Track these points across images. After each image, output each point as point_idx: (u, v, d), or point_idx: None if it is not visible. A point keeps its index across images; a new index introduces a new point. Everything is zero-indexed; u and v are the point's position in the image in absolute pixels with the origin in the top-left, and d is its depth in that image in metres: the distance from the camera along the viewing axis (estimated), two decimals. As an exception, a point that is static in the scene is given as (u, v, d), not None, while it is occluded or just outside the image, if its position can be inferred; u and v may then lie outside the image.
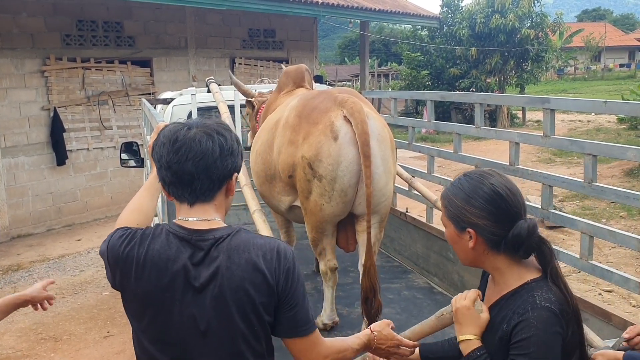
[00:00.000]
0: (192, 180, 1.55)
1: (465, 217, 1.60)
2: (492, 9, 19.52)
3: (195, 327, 1.53)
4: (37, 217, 9.15)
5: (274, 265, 1.55)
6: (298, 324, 1.60)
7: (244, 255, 1.54)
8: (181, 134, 1.55)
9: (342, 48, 54.77)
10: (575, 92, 32.26)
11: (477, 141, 15.40)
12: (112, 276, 1.60)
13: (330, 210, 3.21)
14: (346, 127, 3.11)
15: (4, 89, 8.66)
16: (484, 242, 1.60)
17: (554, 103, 3.48)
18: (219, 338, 1.54)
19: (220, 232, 1.56)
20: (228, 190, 1.63)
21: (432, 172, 4.91)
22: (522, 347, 1.54)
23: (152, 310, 1.54)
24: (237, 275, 1.52)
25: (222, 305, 1.52)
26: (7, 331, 5.70)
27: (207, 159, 1.53)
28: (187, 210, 1.59)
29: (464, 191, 1.62)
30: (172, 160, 1.53)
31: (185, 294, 1.52)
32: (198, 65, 11.28)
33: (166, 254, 1.54)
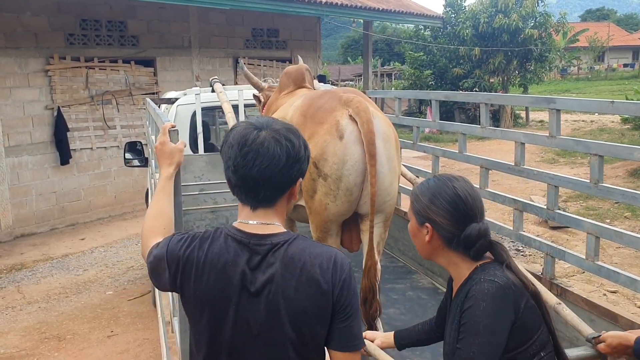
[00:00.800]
0: (256, 187, 1.56)
1: (425, 213, 1.75)
2: (495, 8, 19.50)
3: (247, 331, 1.55)
4: (40, 216, 9.16)
5: (330, 275, 1.55)
6: (351, 337, 1.58)
7: (299, 264, 1.54)
8: (250, 137, 1.54)
9: (345, 48, 54.76)
10: (579, 92, 32.20)
11: (481, 141, 15.39)
12: (172, 278, 1.61)
13: (335, 210, 3.21)
14: (352, 126, 3.11)
15: (7, 88, 8.66)
16: (439, 238, 1.75)
17: (560, 103, 3.46)
18: (269, 344, 1.55)
19: (278, 238, 1.57)
20: (291, 195, 1.63)
21: (437, 172, 4.90)
22: (465, 317, 1.65)
23: (208, 312, 1.56)
24: (291, 285, 1.52)
25: (275, 312, 1.52)
26: (11, 330, 5.70)
27: (272, 167, 1.53)
28: (248, 213, 1.60)
29: (430, 190, 1.77)
30: (239, 165, 1.54)
31: (241, 297, 1.54)
32: (201, 64, 11.28)
33: (224, 257, 1.55)
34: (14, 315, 6.07)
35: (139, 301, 6.31)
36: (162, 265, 1.62)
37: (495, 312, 1.62)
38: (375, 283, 3.26)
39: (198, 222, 5.09)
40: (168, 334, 3.00)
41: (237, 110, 4.99)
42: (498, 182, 9.01)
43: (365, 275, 3.27)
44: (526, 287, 1.68)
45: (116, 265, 7.53)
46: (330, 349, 1.61)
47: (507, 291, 1.64)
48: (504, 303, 1.63)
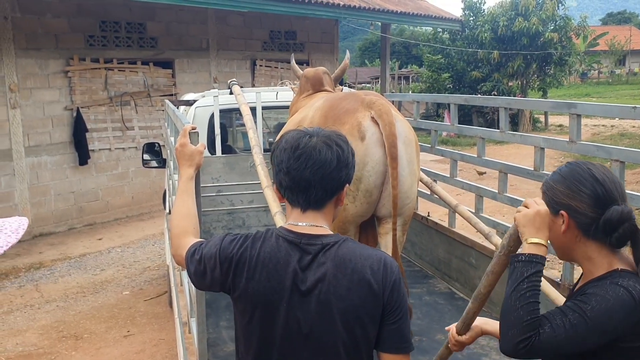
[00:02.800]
0: (308, 188, 1.59)
1: (559, 199, 1.59)
2: (515, 12, 19.35)
3: (298, 330, 1.57)
4: (59, 215, 9.25)
5: (381, 276, 1.57)
6: (402, 339, 1.61)
7: (350, 265, 1.56)
8: (303, 142, 1.59)
9: (363, 50, 54.70)
10: (599, 97, 31.85)
11: (499, 145, 15.27)
12: (223, 277, 1.64)
13: (354, 211, 3.20)
14: (373, 128, 3.11)
15: (28, 89, 8.77)
16: (576, 226, 1.58)
17: (580, 108, 3.42)
18: (320, 343, 1.57)
19: (328, 239, 1.60)
20: (338, 199, 1.66)
21: (455, 176, 4.87)
22: (581, 299, 1.52)
23: (260, 310, 1.59)
24: (343, 284, 1.55)
25: (326, 311, 1.55)
26: (29, 328, 5.76)
27: (324, 169, 1.57)
28: (298, 215, 1.64)
29: (562, 175, 1.62)
30: (292, 167, 1.58)
31: (292, 296, 1.56)
32: (219, 66, 11.33)
33: (276, 256, 1.59)
34: (32, 313, 6.13)
35: (156, 301, 6.34)
36: (211, 264, 1.65)
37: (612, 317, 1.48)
38: None
39: (215, 223, 5.10)
40: (185, 334, 3.00)
41: (255, 113, 5.00)
42: (516, 187, 8.92)
43: None
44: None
45: (133, 266, 7.58)
46: (381, 351, 1.62)
47: (635, 311, 1.47)
48: (626, 318, 1.47)
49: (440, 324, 3.81)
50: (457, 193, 6.40)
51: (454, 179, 4.86)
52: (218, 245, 1.67)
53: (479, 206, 4.47)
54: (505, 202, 4.23)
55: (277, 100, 5.52)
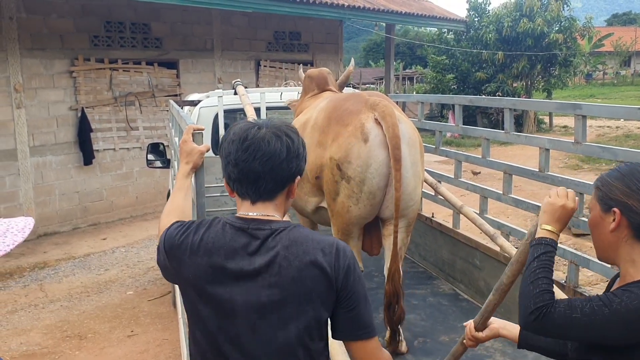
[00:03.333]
0: (258, 179, 1.56)
1: (614, 195, 1.56)
2: (519, 13, 19.29)
3: (246, 316, 1.53)
4: (63, 215, 9.27)
5: (333, 260, 1.53)
6: (360, 325, 1.57)
7: (302, 248, 1.53)
8: (251, 133, 1.56)
9: (367, 51, 54.67)
10: (604, 98, 31.76)
11: (503, 146, 15.24)
12: (169, 266, 1.63)
13: (358, 212, 3.19)
14: (377, 130, 3.10)
15: (33, 89, 8.79)
16: (627, 225, 1.54)
17: (585, 109, 3.41)
18: (270, 328, 1.53)
19: (278, 225, 1.57)
20: (290, 192, 1.63)
21: (460, 177, 4.86)
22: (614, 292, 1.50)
23: (205, 297, 1.55)
24: (294, 266, 1.51)
25: (277, 295, 1.51)
26: (33, 328, 5.77)
27: (274, 159, 1.54)
28: (248, 206, 1.60)
29: (620, 172, 1.58)
30: (240, 158, 1.55)
31: (238, 281, 1.52)
32: (224, 67, 11.34)
33: (220, 241, 1.55)
34: (36, 313, 6.15)
35: (159, 301, 6.34)
36: (161, 256, 1.64)
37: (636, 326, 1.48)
38: (399, 288, 3.25)
39: None
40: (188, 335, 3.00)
41: (259, 113, 5.00)
42: (521, 188, 8.90)
43: (389, 280, 3.25)
44: None
45: (137, 266, 7.59)
46: (340, 339, 1.61)
47: None
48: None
49: (444, 325, 3.80)
50: (462, 194, 6.39)
51: (458, 179, 4.85)
52: (163, 235, 1.66)
53: (484, 207, 4.46)
54: (510, 204, 4.22)
55: (281, 100, 5.52)
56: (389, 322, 3.29)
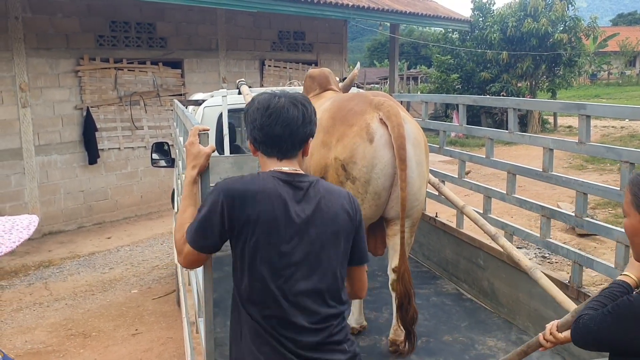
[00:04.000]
0: (280, 142, 1.90)
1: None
2: (524, 12, 19.25)
3: (293, 256, 1.84)
4: (68, 214, 9.30)
5: (354, 205, 1.97)
6: (364, 252, 2.02)
7: (332, 197, 1.92)
8: (273, 102, 1.88)
9: (372, 50, 54.65)
10: (609, 98, 31.66)
11: (507, 146, 15.22)
12: (228, 212, 1.82)
13: (362, 213, 3.19)
14: (382, 130, 3.09)
15: (38, 88, 8.83)
16: None
17: (590, 109, 3.41)
18: (316, 263, 1.87)
19: (310, 178, 1.94)
20: (304, 151, 1.98)
21: (463, 176, 4.86)
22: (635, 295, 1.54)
23: (261, 236, 1.82)
24: (332, 211, 1.89)
25: (322, 235, 1.87)
26: (38, 326, 5.80)
27: (292, 124, 1.88)
28: (276, 163, 1.93)
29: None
30: (265, 123, 1.88)
31: (290, 224, 1.83)
32: (228, 67, 11.36)
33: (276, 191, 1.85)
34: (41, 311, 6.17)
35: (163, 300, 6.37)
36: (216, 209, 1.83)
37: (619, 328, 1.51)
38: (410, 288, 3.23)
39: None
40: (193, 334, 3.01)
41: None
42: (525, 188, 8.89)
43: (399, 281, 3.22)
44: None
45: (141, 264, 7.61)
46: (353, 265, 1.99)
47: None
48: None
49: (447, 325, 3.80)
50: (466, 194, 6.39)
51: (462, 179, 4.85)
52: (220, 186, 1.87)
53: (487, 207, 4.46)
54: (514, 203, 4.22)
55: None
56: (402, 323, 3.26)
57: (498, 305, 4.07)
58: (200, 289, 2.53)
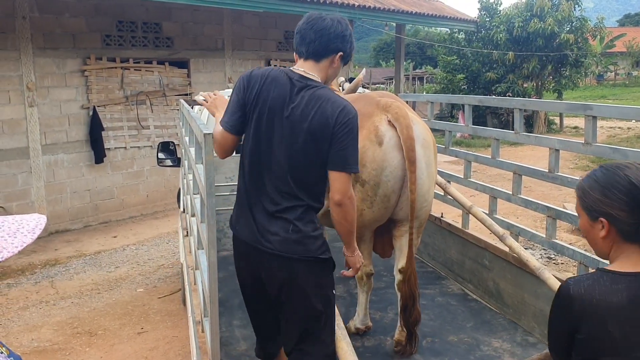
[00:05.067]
0: (310, 42, 2.28)
1: (598, 207, 1.58)
2: (530, 13, 19.20)
3: (279, 136, 2.25)
4: (74, 213, 9.34)
5: (337, 114, 2.20)
6: (343, 160, 2.22)
7: (319, 101, 2.21)
8: (315, 14, 2.31)
9: (377, 51, 54.60)
10: (616, 99, 31.55)
11: (513, 146, 15.19)
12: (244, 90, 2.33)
13: (371, 216, 3.17)
14: (391, 132, 3.08)
15: (45, 88, 8.86)
16: (617, 233, 1.57)
17: (596, 110, 3.40)
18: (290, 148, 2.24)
19: (312, 82, 2.27)
20: (332, 62, 2.32)
21: (469, 177, 4.86)
22: None
23: (265, 114, 2.27)
24: (310, 112, 2.20)
25: (296, 128, 2.21)
26: (44, 324, 5.82)
27: (324, 31, 2.26)
28: (301, 63, 2.33)
29: (599, 182, 1.59)
30: (303, 28, 2.30)
31: (282, 111, 2.24)
32: (234, 66, 11.38)
33: (281, 82, 2.27)
34: (47, 309, 6.20)
35: (169, 299, 6.38)
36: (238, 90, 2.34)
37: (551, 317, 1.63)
38: (415, 290, 3.23)
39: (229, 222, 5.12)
40: (198, 333, 3.02)
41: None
42: (530, 189, 8.88)
43: (404, 282, 3.22)
44: None
45: (147, 263, 7.63)
46: (329, 169, 2.24)
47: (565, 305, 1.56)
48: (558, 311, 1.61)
49: (452, 326, 3.80)
50: (471, 194, 6.39)
51: (468, 180, 4.85)
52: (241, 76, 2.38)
53: (493, 208, 4.46)
54: (520, 204, 4.21)
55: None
56: (405, 324, 3.26)
57: (503, 305, 4.07)
58: (206, 288, 2.54)
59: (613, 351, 1.50)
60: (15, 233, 1.36)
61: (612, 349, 1.50)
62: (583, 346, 1.54)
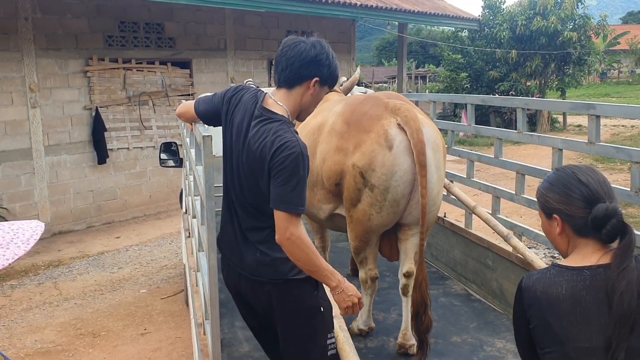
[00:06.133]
0: (282, 71, 2.20)
1: (548, 204, 1.69)
2: (533, 11, 19.15)
3: (239, 161, 2.23)
4: (77, 214, 9.35)
5: (275, 148, 2.08)
6: (283, 199, 2.07)
7: (264, 134, 2.13)
8: (290, 40, 2.22)
9: (380, 50, 54.57)
10: (619, 97, 31.45)
11: (517, 145, 15.15)
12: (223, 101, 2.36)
13: (380, 221, 3.12)
14: (401, 136, 3.02)
15: (48, 89, 8.87)
16: (570, 228, 1.66)
17: (599, 109, 3.38)
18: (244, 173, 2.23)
19: (272, 116, 2.18)
20: (308, 89, 2.21)
21: (472, 176, 4.84)
22: None
23: (233, 137, 2.27)
24: (256, 145, 2.14)
25: (248, 158, 2.18)
26: (47, 326, 5.83)
27: (295, 59, 2.16)
28: (275, 90, 2.27)
29: (549, 180, 1.73)
30: (277, 55, 2.23)
31: (240, 137, 2.23)
32: (236, 66, 11.37)
33: (248, 107, 2.25)
34: (51, 310, 6.20)
35: (172, 300, 6.38)
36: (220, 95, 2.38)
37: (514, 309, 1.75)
38: (427, 297, 3.17)
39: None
40: (200, 335, 3.02)
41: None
42: (534, 188, 8.83)
43: (416, 288, 3.16)
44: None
45: (150, 264, 7.63)
46: (271, 206, 2.11)
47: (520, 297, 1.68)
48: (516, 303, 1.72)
49: (456, 326, 3.79)
50: (474, 194, 6.36)
51: (471, 179, 4.83)
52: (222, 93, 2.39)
53: (496, 207, 4.44)
54: (523, 204, 4.20)
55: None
56: (416, 331, 3.20)
57: (507, 306, 4.05)
58: (207, 291, 2.53)
59: (554, 341, 1.58)
60: (8, 244, 1.34)
61: (553, 339, 1.58)
62: (534, 335, 1.64)
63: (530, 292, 1.62)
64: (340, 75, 4.20)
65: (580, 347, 1.55)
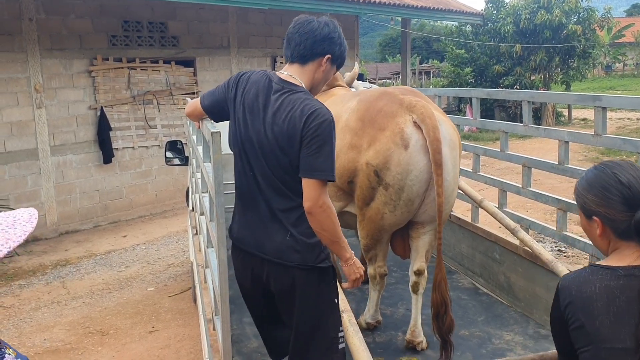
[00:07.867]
0: (296, 46, 2.25)
1: (589, 206, 1.61)
2: (537, 4, 19.08)
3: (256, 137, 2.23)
4: (84, 213, 9.38)
5: (305, 117, 2.11)
6: (312, 167, 2.11)
7: (291, 105, 2.16)
8: (302, 17, 2.29)
9: (383, 46, 54.43)
10: (624, 89, 31.33)
11: (522, 139, 15.12)
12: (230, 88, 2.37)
13: (393, 220, 3.08)
14: (417, 135, 2.96)
15: (53, 89, 8.90)
16: (610, 230, 1.58)
17: (605, 101, 3.38)
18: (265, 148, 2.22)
19: (291, 87, 2.22)
20: (320, 65, 2.27)
21: (478, 170, 4.84)
22: None
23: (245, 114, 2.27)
24: (282, 116, 2.16)
25: (270, 130, 2.19)
26: (56, 324, 5.86)
27: (309, 34, 2.22)
28: (287, 66, 2.31)
29: (587, 181, 1.63)
30: (290, 32, 2.28)
31: (260, 112, 2.23)
32: (240, 64, 11.38)
33: (261, 83, 2.27)
34: (59, 309, 6.23)
35: (180, 297, 6.40)
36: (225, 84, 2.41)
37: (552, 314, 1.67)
38: (446, 297, 3.11)
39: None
40: (210, 331, 3.03)
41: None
42: (540, 182, 8.83)
43: (435, 289, 3.12)
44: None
45: (157, 262, 7.66)
46: (300, 175, 2.15)
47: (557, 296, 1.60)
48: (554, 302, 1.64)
49: (464, 320, 3.79)
50: (480, 188, 6.36)
51: (477, 173, 4.83)
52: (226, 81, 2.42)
53: (503, 201, 4.44)
54: (529, 197, 4.19)
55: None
56: (438, 332, 3.15)
57: (515, 299, 4.05)
58: (216, 286, 2.54)
59: (588, 340, 1.51)
60: (14, 224, 1.37)
61: (587, 338, 1.51)
62: (572, 337, 1.56)
63: (566, 292, 1.56)
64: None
65: (613, 348, 1.49)
